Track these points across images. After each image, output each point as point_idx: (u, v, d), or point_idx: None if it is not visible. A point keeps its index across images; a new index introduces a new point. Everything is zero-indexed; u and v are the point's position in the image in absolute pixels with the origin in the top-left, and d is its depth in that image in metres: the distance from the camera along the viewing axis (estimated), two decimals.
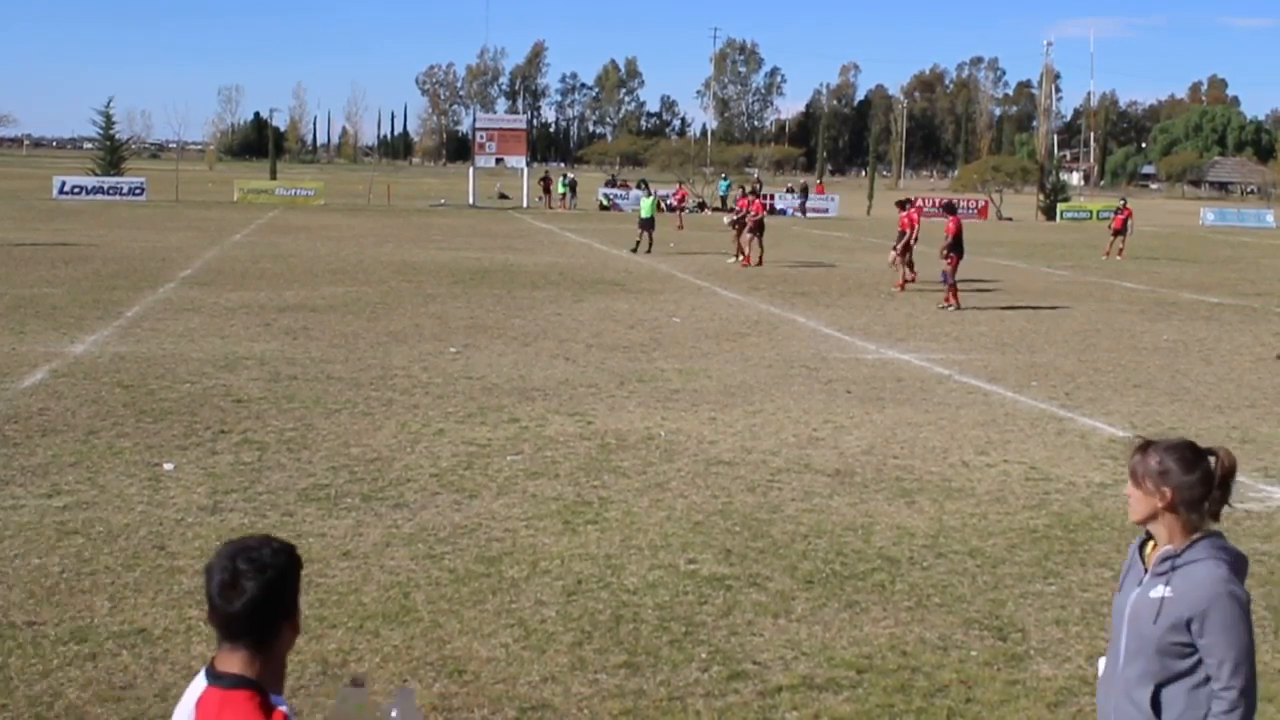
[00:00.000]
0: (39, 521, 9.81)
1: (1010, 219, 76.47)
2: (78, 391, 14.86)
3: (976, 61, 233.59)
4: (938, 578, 9.12)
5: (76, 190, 69.88)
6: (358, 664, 7.27)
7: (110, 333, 19.71)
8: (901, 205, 32.11)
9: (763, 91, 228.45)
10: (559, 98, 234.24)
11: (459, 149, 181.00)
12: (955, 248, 26.71)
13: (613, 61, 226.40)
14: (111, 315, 21.57)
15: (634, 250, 39.34)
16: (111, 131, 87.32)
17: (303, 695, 6.83)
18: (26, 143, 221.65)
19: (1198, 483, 4.10)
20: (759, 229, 36.28)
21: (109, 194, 69.40)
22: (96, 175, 76.52)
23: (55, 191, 69.17)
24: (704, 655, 7.60)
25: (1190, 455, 4.12)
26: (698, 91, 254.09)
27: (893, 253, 31.13)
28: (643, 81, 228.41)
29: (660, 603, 8.47)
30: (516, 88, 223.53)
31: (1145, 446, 4.19)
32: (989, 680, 7.35)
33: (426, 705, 6.73)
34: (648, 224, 40.26)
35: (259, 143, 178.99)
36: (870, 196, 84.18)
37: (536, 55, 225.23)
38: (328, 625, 7.86)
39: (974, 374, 17.97)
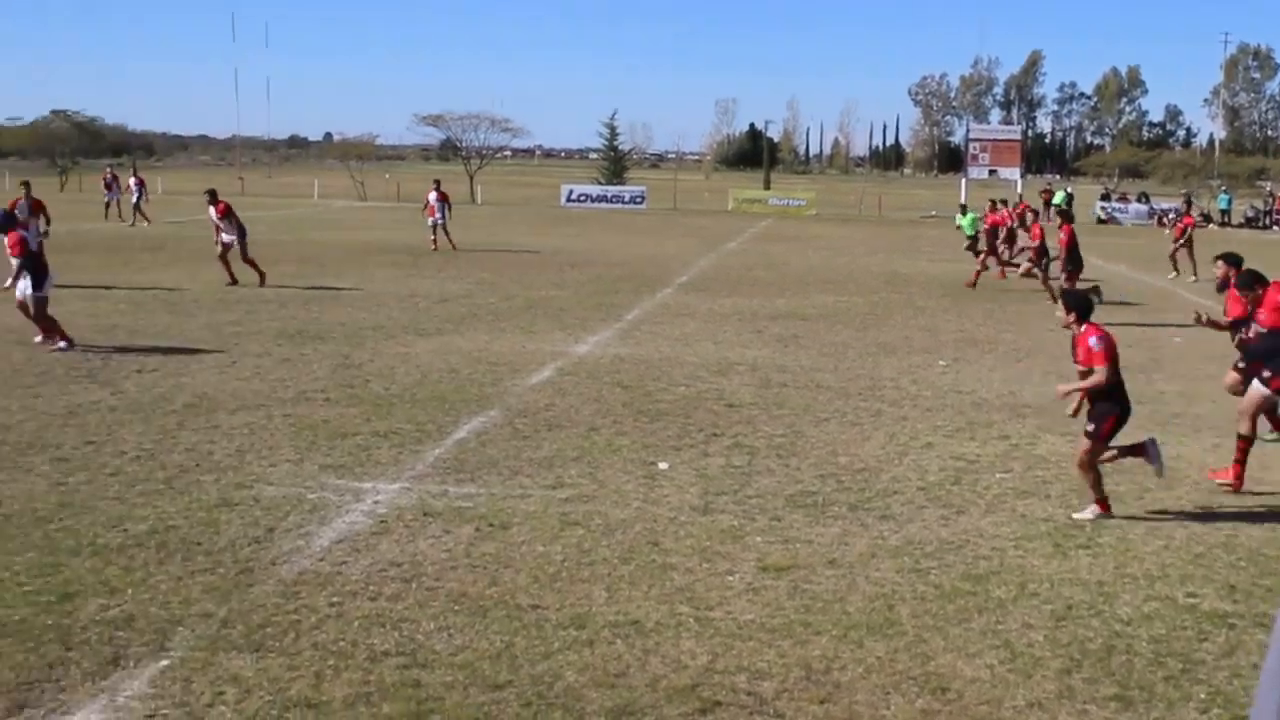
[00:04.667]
0: (544, 511, 10.38)
1: None
2: (581, 389, 15.65)
3: None
4: None
5: (582, 198, 73.77)
6: (840, 672, 7.29)
7: (611, 334, 20.66)
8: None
9: (1279, 100, 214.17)
10: (1055, 107, 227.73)
11: (951, 160, 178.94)
12: (1071, 260, 24.88)
13: (1113, 69, 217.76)
14: (612, 318, 22.61)
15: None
16: (615, 142, 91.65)
17: (785, 698, 6.92)
18: (538, 153, 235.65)
19: None
20: (1189, 243, 34.87)
21: (611, 202, 72.82)
22: (600, 184, 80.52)
23: (563, 199, 73.25)
24: (1203, 696, 7.17)
25: None
26: (1205, 100, 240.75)
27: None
28: (1145, 90, 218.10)
29: (1156, 636, 8.06)
30: (1011, 97, 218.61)
31: None
32: None
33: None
34: (973, 243, 34.77)
35: (753, 153, 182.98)
36: None
37: (1033, 64, 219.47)
38: (812, 631, 7.92)
39: None
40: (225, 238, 26.93)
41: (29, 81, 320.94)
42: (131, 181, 49.17)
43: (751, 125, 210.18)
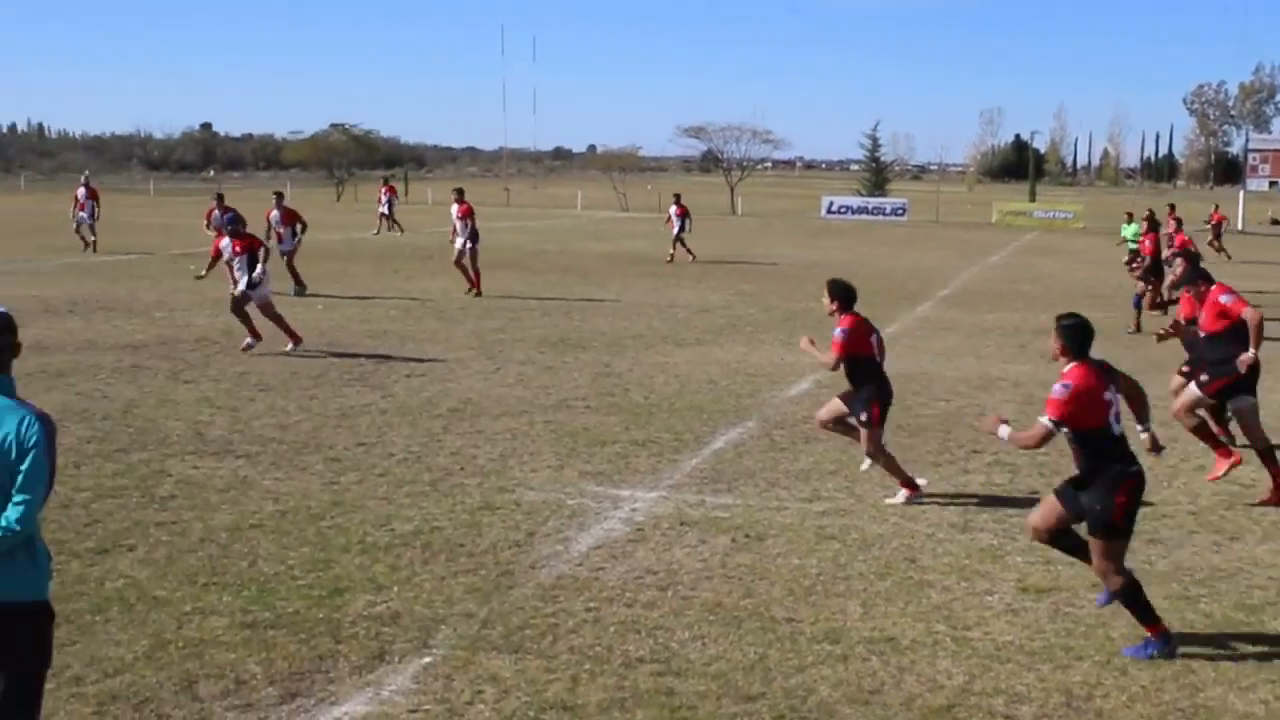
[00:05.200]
0: (800, 524, 10.34)
1: None
2: None
3: None
4: None
5: (842, 210, 73.40)
6: (1103, 699, 7.06)
7: None
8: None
9: None
10: None
11: (1228, 171, 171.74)
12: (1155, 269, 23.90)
13: None
14: None
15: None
16: (877, 154, 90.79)
17: None
18: (799, 165, 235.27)
19: None
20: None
21: (872, 214, 72.27)
22: (861, 195, 79.96)
23: (823, 211, 73.02)
24: None
25: None
26: None
27: None
28: None
29: None
30: None
31: None
32: None
33: None
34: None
35: (1018, 165, 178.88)
36: None
37: None
38: (1074, 656, 7.68)
39: None
40: (459, 241, 27.10)
41: (310, 96, 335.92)
42: (382, 193, 50.60)
43: (1017, 136, 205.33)
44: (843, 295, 11.33)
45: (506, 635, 7.78)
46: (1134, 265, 27.86)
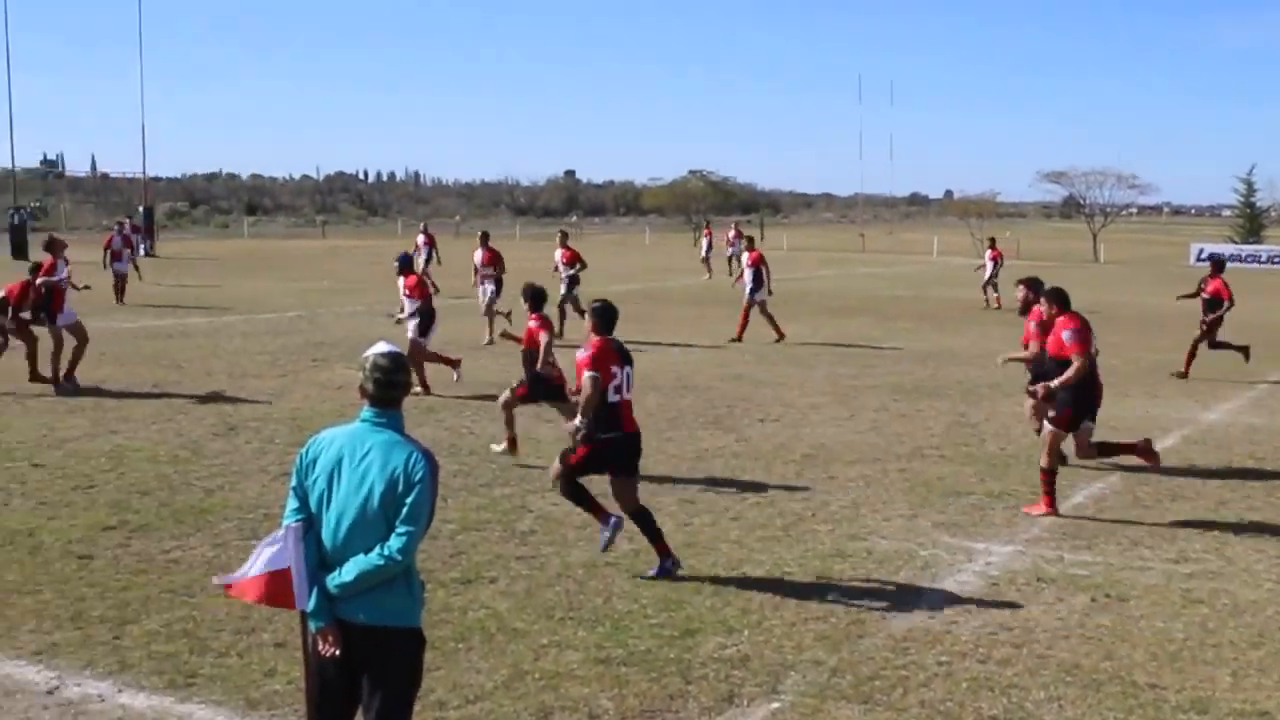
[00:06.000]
0: (1165, 585, 9.89)
1: None
2: (1208, 459, 14.81)
3: None
4: None
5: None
6: None
7: (1243, 402, 19.44)
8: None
9: None
10: None
11: None
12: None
13: None
14: (1245, 384, 21.24)
15: None
16: (1251, 199, 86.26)
17: None
18: (1166, 210, 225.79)
19: None
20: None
21: (1246, 261, 68.61)
22: (1234, 243, 76.07)
23: (1191, 258, 69.73)
24: None
25: None
26: None
27: None
28: None
29: None
30: None
31: None
32: None
33: None
34: None
35: None
36: None
37: None
38: None
39: None
40: (752, 292, 26.76)
41: (669, 144, 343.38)
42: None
43: None
44: (533, 297, 14.40)
45: (856, 685, 7.72)
46: None
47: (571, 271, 27.22)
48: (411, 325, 19.37)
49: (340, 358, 22.73)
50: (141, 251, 48.07)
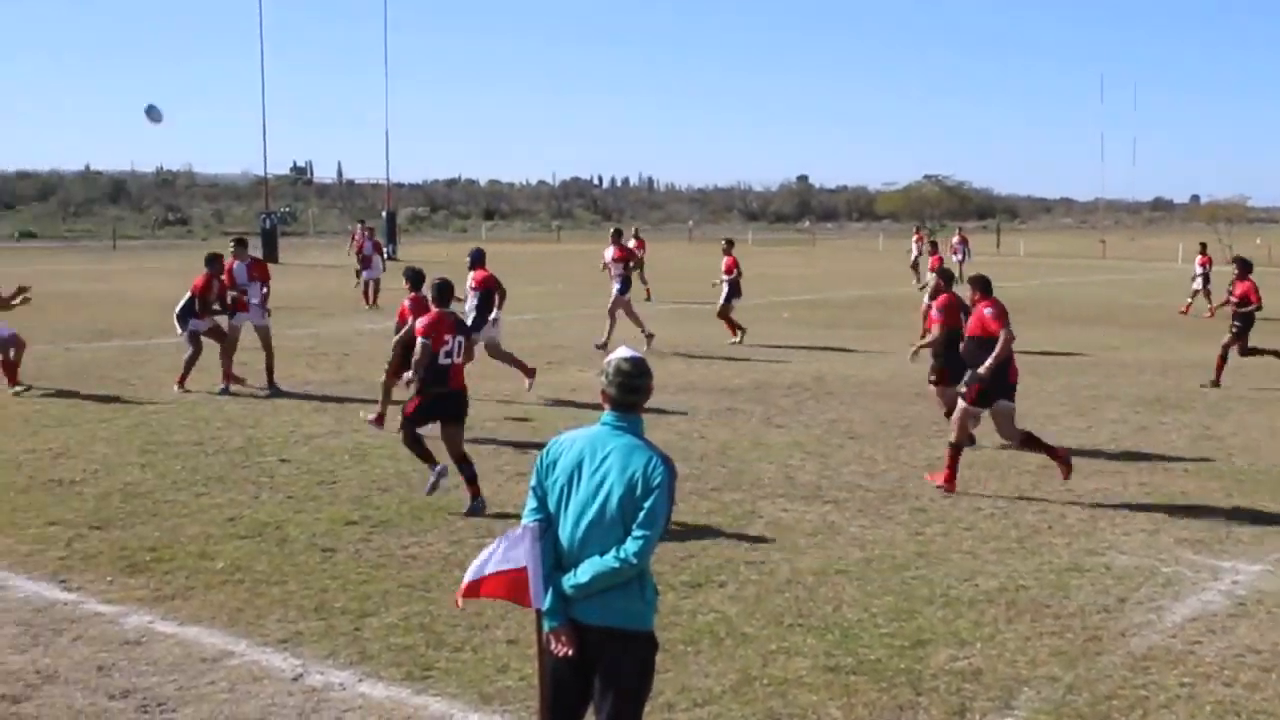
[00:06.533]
0: None
1: None
2: None
3: None
4: None
5: None
6: None
7: None
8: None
9: None
10: None
11: None
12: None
13: None
14: None
15: None
16: None
17: None
18: None
19: None
20: None
21: None
22: None
23: None
24: None
25: None
26: None
27: None
28: None
29: None
30: None
31: None
32: None
33: None
34: None
35: None
36: None
37: None
38: None
39: None
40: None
41: (903, 148, 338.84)
42: (955, 241, 49.90)
43: None
44: (413, 279, 16.00)
45: (1092, 704, 7.52)
46: None
47: (624, 270, 25.45)
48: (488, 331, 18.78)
49: (574, 360, 23.10)
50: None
